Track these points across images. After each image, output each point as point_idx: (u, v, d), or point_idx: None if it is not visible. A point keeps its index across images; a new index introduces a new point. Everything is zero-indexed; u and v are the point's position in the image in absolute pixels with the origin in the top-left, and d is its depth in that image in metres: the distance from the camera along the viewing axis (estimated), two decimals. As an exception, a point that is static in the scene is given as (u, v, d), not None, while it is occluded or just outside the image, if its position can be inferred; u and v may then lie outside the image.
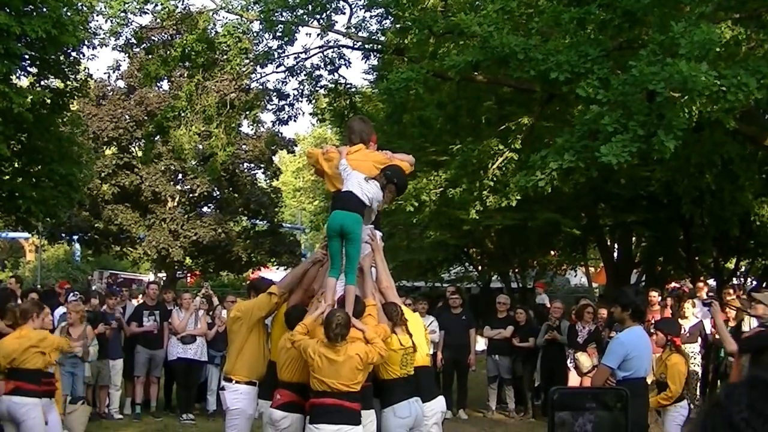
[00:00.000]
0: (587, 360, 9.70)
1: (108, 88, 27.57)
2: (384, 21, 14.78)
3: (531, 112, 11.62)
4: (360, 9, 14.59)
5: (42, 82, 14.52)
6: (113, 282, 25.73)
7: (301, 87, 15.55)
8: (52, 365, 6.75)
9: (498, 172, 10.96)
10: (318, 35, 14.26)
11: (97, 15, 14.30)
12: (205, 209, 30.20)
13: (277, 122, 16.77)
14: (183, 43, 13.99)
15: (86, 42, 14.37)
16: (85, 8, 13.88)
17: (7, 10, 11.84)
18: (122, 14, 13.61)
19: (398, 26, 13.21)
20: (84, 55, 14.82)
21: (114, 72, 20.02)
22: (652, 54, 8.01)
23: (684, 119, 7.97)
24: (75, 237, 28.34)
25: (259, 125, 23.51)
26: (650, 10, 8.73)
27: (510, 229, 17.75)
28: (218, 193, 29.63)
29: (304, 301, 5.46)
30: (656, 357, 6.91)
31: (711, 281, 16.48)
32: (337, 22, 14.87)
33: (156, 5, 13.64)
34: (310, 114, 17.96)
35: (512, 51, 8.92)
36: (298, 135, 46.23)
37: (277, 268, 29.15)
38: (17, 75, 13.60)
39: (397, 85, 10.14)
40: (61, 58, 14.15)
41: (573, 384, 9.57)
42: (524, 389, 11.22)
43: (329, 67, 15.30)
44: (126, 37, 14.56)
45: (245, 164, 29.83)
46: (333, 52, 15.13)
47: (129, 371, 10.64)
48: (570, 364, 10.12)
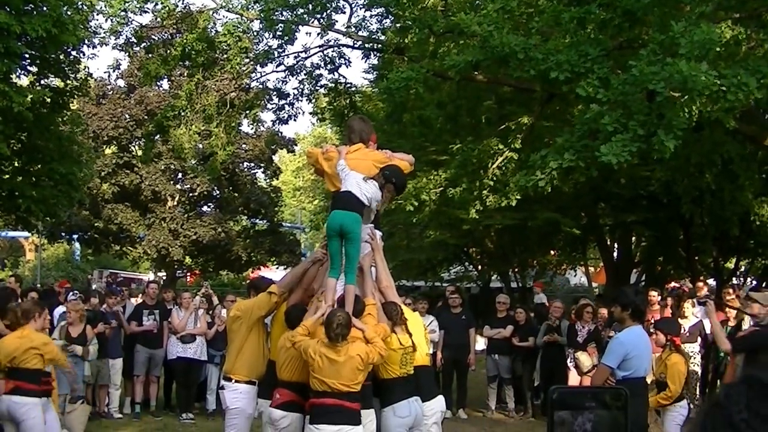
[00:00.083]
0: (588, 359, 9.70)
1: (108, 87, 27.59)
2: (384, 20, 14.77)
3: (531, 112, 11.61)
4: (360, 8, 14.58)
5: (42, 81, 14.50)
6: (113, 281, 25.71)
7: (301, 86, 15.54)
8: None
9: (498, 172, 10.96)
10: (318, 34, 14.26)
11: (98, 14, 14.31)
12: (205, 208, 30.20)
13: (277, 121, 16.77)
14: (183, 43, 13.99)
15: (86, 41, 14.35)
16: (86, 7, 13.88)
17: (8, 9, 11.83)
18: (122, 13, 13.63)
19: (398, 26, 13.21)
20: (84, 54, 14.82)
21: (114, 71, 20.02)
22: (652, 54, 8.01)
23: (684, 119, 7.97)
24: (75, 236, 28.35)
25: (259, 124, 23.52)
26: (650, 10, 8.73)
27: (510, 229, 17.73)
28: (218, 193, 29.64)
29: (304, 301, 5.46)
30: (656, 357, 6.91)
31: (711, 281, 16.46)
32: (337, 22, 14.89)
33: (156, 4, 13.65)
34: (310, 113, 18.01)
35: (512, 50, 8.91)
36: (298, 134, 46.31)
37: (277, 268, 29.17)
38: (17, 74, 13.59)
39: (397, 85, 10.13)
40: (61, 57, 14.14)
41: (573, 383, 9.57)
42: (524, 389, 11.23)
43: (329, 67, 15.30)
44: (126, 36, 14.58)
45: (245, 163, 29.85)
46: (333, 52, 15.14)
47: (129, 370, 10.64)
48: (570, 364, 10.13)
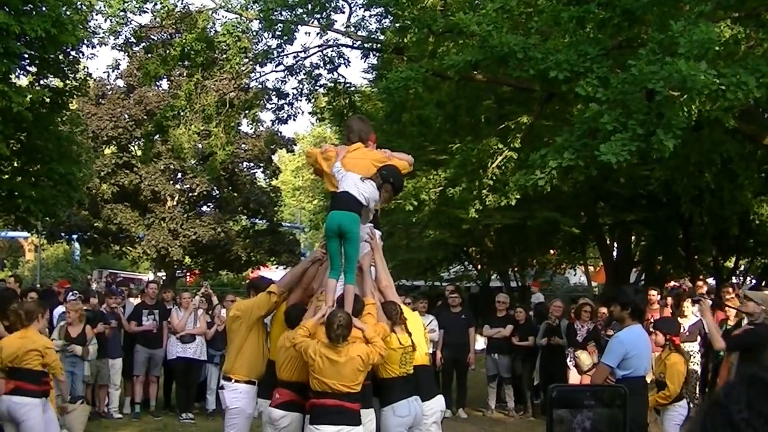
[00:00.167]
0: (588, 358, 9.70)
1: (107, 87, 27.58)
2: (383, 20, 14.78)
3: (530, 111, 11.61)
4: (359, 8, 14.60)
5: (41, 81, 14.49)
6: (112, 281, 25.69)
7: (301, 86, 15.55)
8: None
9: (497, 171, 10.97)
10: (317, 34, 14.28)
11: (97, 14, 14.31)
12: (205, 208, 30.19)
13: (277, 121, 16.78)
14: (182, 43, 13.98)
15: (86, 41, 14.34)
16: (85, 7, 13.86)
17: (7, 9, 11.82)
18: (121, 13, 13.63)
19: (397, 25, 13.21)
20: (83, 54, 14.80)
21: (113, 71, 20.08)
22: (652, 53, 8.01)
23: (683, 118, 7.97)
24: (74, 236, 28.33)
25: (259, 124, 23.45)
26: (649, 9, 8.73)
27: (509, 228, 17.75)
28: (218, 193, 29.63)
29: (304, 300, 5.46)
30: (656, 356, 6.91)
31: (710, 280, 16.46)
32: (337, 21, 14.91)
33: (155, 4, 13.65)
34: (310, 113, 18.01)
35: (511, 50, 8.91)
36: (298, 134, 46.26)
37: (277, 268, 29.16)
38: (16, 74, 13.56)
39: (397, 84, 10.13)
40: (61, 57, 14.12)
41: (573, 383, 9.57)
42: (523, 388, 11.23)
43: (328, 66, 15.31)
44: (125, 36, 14.58)
45: (244, 163, 29.84)
46: (332, 51, 15.15)
47: (128, 370, 10.63)
48: (570, 363, 10.13)
